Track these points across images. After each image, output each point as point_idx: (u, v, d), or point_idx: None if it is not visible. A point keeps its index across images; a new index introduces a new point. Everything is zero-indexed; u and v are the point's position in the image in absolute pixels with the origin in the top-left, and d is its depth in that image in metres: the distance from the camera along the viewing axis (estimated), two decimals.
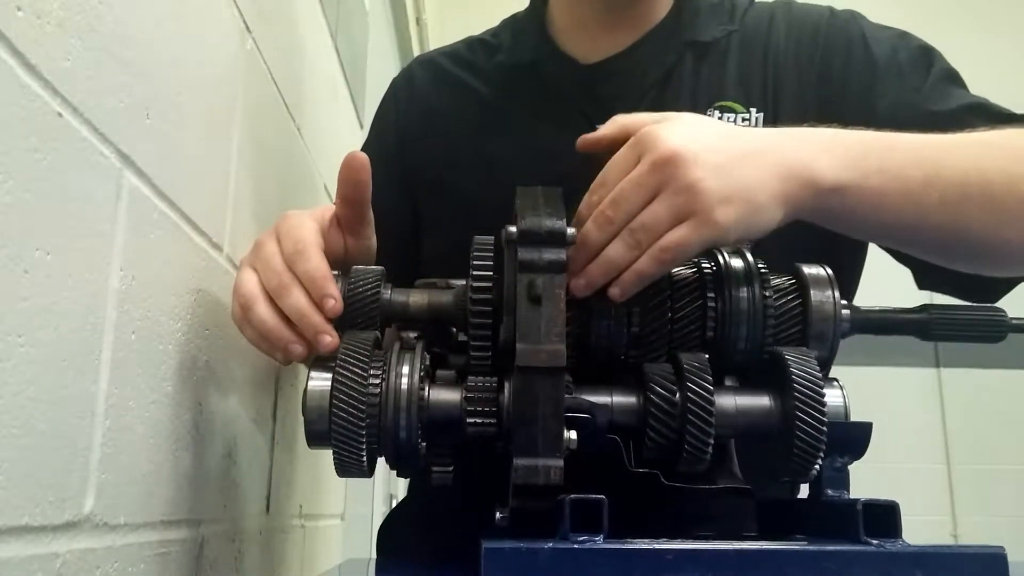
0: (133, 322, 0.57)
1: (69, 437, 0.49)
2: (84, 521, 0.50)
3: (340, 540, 1.39)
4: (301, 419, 0.56)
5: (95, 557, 0.51)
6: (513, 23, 0.95)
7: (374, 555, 0.94)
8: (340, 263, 0.66)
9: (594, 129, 0.79)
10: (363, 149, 0.97)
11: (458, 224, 0.73)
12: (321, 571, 1.15)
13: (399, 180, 0.91)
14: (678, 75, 0.84)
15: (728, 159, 0.55)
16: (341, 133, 1.37)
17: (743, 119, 0.81)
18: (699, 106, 0.82)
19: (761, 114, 0.81)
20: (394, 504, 2.19)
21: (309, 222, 0.65)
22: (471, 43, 0.97)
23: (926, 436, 3.12)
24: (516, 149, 0.85)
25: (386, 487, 2.17)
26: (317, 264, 0.62)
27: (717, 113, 0.81)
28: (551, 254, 0.52)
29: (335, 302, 0.61)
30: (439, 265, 0.64)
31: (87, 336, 0.51)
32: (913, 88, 0.77)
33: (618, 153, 0.59)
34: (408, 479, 0.96)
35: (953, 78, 0.78)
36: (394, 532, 0.94)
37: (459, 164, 0.88)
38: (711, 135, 0.57)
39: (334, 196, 1.06)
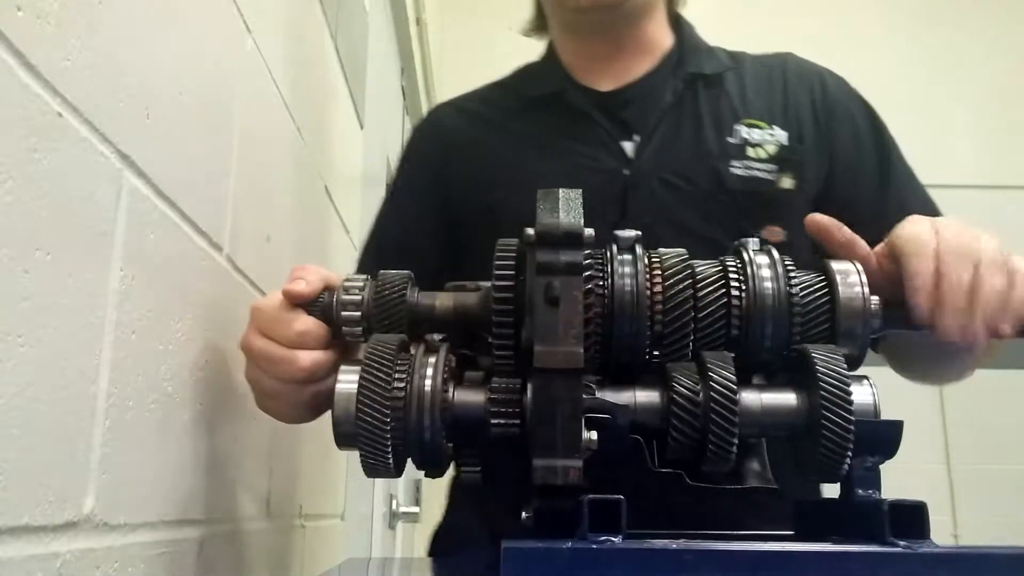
0: (133, 322, 0.57)
1: (69, 437, 0.49)
2: (84, 521, 0.50)
3: (340, 540, 1.39)
4: None
5: (95, 557, 0.51)
6: (524, 69, 1.06)
7: (374, 555, 0.94)
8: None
9: (619, 147, 0.94)
10: (390, 194, 1.05)
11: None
12: (321, 571, 1.14)
13: (436, 213, 0.98)
14: (691, 100, 0.95)
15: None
16: (341, 133, 1.37)
17: (769, 134, 0.92)
18: (723, 125, 0.93)
19: (786, 132, 0.93)
20: (394, 505, 2.19)
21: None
22: (487, 87, 1.07)
23: (926, 436, 3.12)
24: (556, 165, 0.93)
25: (386, 487, 2.17)
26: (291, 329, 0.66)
27: (744, 128, 0.92)
28: (568, 256, 0.51)
29: (304, 284, 0.65)
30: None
31: (87, 336, 0.51)
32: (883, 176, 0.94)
33: (949, 268, 0.63)
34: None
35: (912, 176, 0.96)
36: (445, 538, 0.97)
37: (504, 186, 0.93)
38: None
39: (334, 197, 1.07)
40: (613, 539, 0.45)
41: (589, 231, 0.52)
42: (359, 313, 0.62)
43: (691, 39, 1.02)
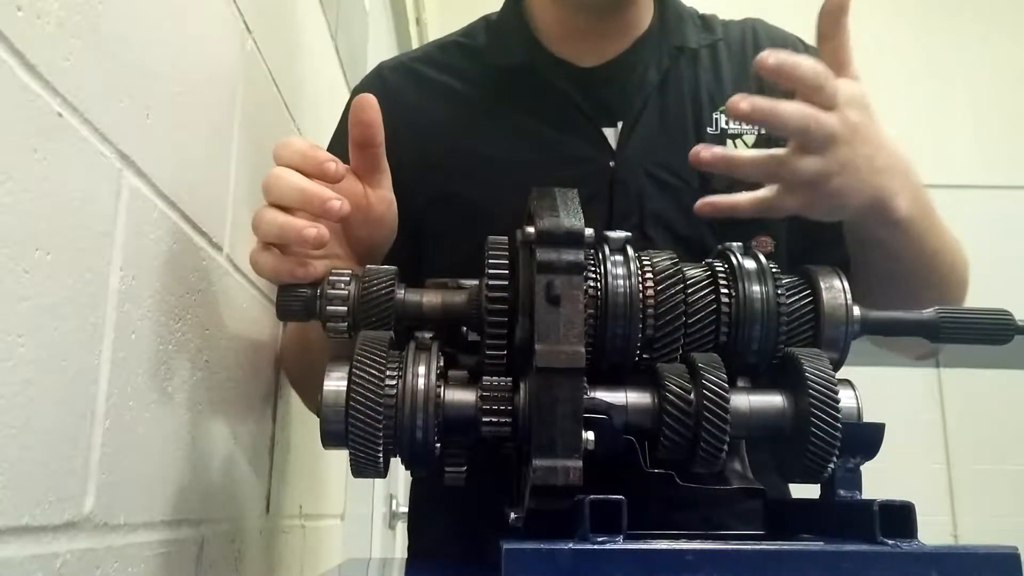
0: (133, 322, 0.57)
1: (69, 437, 0.49)
2: (84, 521, 0.50)
3: (340, 540, 1.39)
4: (300, 419, 0.56)
5: (95, 557, 0.52)
6: (487, 26, 0.93)
7: (374, 555, 0.93)
8: (363, 211, 0.68)
9: (601, 134, 0.83)
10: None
11: (472, 234, 0.68)
12: (321, 571, 1.15)
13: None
14: (675, 78, 0.86)
15: (874, 164, 0.65)
16: None
17: (746, 123, 0.82)
18: (702, 109, 0.85)
19: None
20: (394, 505, 2.19)
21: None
22: (443, 45, 0.94)
23: (926, 436, 3.12)
24: (523, 152, 0.84)
25: (386, 487, 2.17)
26: (300, 144, 0.63)
27: (723, 117, 0.84)
28: (570, 255, 0.52)
29: (335, 165, 0.62)
30: (451, 276, 0.62)
31: (87, 336, 0.51)
32: None
33: (809, 92, 0.64)
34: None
35: None
36: (422, 528, 0.92)
37: (463, 172, 0.85)
38: (880, 137, 0.66)
39: None
40: (614, 539, 0.45)
41: (589, 231, 0.52)
42: (345, 308, 0.61)
43: (673, 3, 0.91)
